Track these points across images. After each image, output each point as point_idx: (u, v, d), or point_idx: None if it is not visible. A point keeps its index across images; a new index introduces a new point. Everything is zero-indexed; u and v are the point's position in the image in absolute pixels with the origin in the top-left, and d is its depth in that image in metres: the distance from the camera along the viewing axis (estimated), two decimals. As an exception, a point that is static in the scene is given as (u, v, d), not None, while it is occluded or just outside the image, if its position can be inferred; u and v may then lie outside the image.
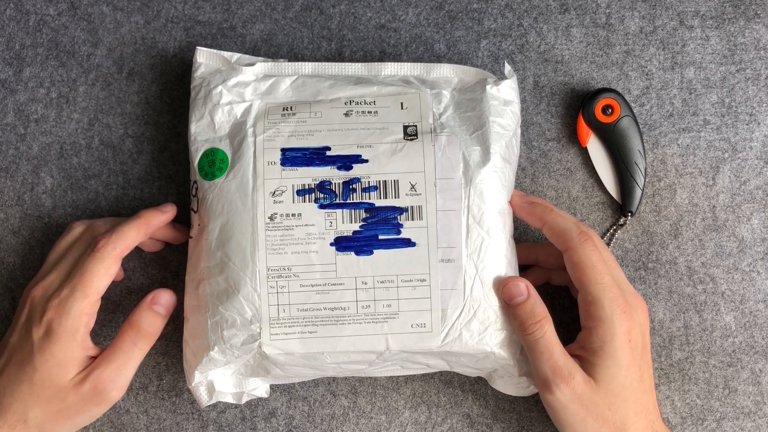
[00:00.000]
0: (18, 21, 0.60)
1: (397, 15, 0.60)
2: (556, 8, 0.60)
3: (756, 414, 0.57)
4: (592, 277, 0.49)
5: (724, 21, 0.60)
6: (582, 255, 0.50)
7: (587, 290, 0.49)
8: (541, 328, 0.49)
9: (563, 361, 0.49)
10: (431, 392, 0.57)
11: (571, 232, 0.50)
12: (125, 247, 0.51)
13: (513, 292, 0.50)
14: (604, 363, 0.49)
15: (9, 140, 0.59)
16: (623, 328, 0.49)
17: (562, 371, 0.48)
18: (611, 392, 0.49)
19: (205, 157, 0.52)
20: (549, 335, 0.49)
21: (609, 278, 0.49)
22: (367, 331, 0.50)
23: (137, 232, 0.52)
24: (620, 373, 0.48)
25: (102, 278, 0.50)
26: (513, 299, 0.50)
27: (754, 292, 0.58)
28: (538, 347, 0.49)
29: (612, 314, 0.49)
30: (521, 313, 0.50)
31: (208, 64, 0.55)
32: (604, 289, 0.49)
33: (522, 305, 0.50)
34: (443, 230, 0.50)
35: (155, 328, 0.51)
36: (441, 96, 0.53)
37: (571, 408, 0.49)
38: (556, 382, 0.48)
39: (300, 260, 0.50)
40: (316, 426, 0.57)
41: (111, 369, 0.49)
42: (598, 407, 0.48)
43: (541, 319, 0.49)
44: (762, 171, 0.59)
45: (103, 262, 0.50)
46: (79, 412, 0.49)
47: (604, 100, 0.57)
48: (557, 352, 0.49)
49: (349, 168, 0.51)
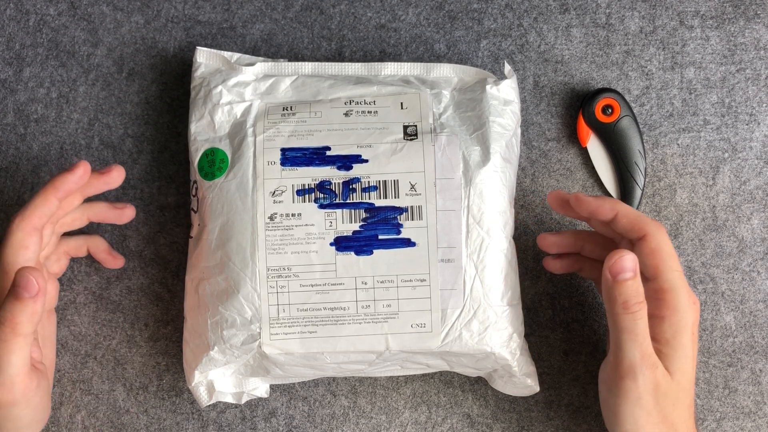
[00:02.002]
0: (18, 21, 0.60)
1: (397, 15, 0.60)
2: (556, 8, 0.60)
3: (756, 414, 0.57)
4: (670, 264, 0.48)
5: (724, 21, 0.60)
6: (661, 241, 0.48)
7: (665, 277, 0.48)
8: (642, 308, 0.47)
9: (651, 349, 0.47)
10: (431, 392, 0.57)
11: (647, 220, 0.49)
12: (35, 216, 0.48)
13: (624, 267, 0.47)
14: (676, 354, 0.47)
15: (9, 140, 0.59)
16: (693, 319, 0.48)
17: (651, 358, 0.47)
18: (681, 386, 0.48)
19: (205, 157, 0.52)
20: (646, 320, 0.47)
21: (681, 269, 0.49)
22: (367, 331, 0.50)
23: (44, 198, 0.48)
24: (689, 365, 0.48)
25: (17, 252, 0.48)
26: (621, 274, 0.47)
27: (754, 292, 0.58)
28: (636, 329, 0.47)
29: (686, 304, 0.48)
30: (627, 291, 0.47)
31: (208, 64, 0.55)
32: (680, 277, 0.48)
33: (628, 282, 0.47)
34: (443, 230, 0.50)
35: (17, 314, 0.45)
36: (441, 96, 0.53)
37: (644, 399, 0.47)
38: (642, 368, 0.47)
39: (300, 260, 0.50)
40: (316, 426, 0.57)
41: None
42: (666, 402, 0.47)
43: (642, 300, 0.47)
44: (762, 171, 0.59)
45: (14, 236, 0.48)
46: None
47: (604, 100, 0.57)
48: (649, 339, 0.47)
49: (349, 168, 0.51)
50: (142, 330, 0.57)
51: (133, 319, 0.57)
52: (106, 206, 0.54)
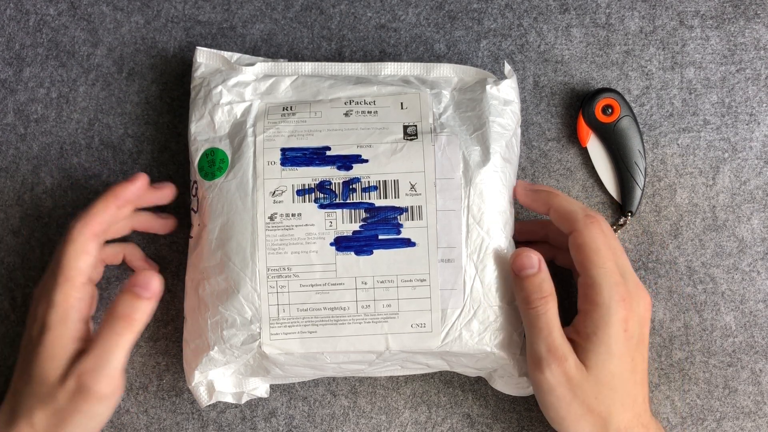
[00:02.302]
0: (18, 21, 0.60)
1: (397, 15, 0.60)
2: (556, 8, 0.60)
3: (756, 414, 0.57)
4: (595, 261, 0.48)
5: (724, 21, 0.60)
6: (587, 237, 0.49)
7: (588, 273, 0.49)
8: (545, 304, 0.48)
9: (560, 342, 0.48)
10: (431, 392, 0.57)
11: (576, 215, 0.50)
12: (96, 223, 0.49)
13: (525, 263, 0.49)
14: (596, 349, 0.48)
15: (9, 140, 0.59)
16: (620, 316, 0.48)
17: (557, 352, 0.47)
18: (600, 381, 0.48)
19: (205, 157, 0.52)
20: (551, 314, 0.48)
21: (611, 264, 0.49)
22: (367, 331, 0.50)
23: (105, 205, 0.50)
24: (611, 361, 0.48)
25: (79, 258, 0.48)
26: (523, 270, 0.49)
27: (754, 292, 0.58)
28: (539, 323, 0.48)
29: (610, 300, 0.48)
30: (528, 286, 0.49)
31: (208, 64, 0.55)
32: (605, 274, 0.48)
33: (531, 278, 0.49)
34: (443, 230, 0.50)
35: (132, 311, 0.47)
36: (441, 96, 0.53)
37: (558, 391, 0.48)
38: (549, 362, 0.47)
39: (300, 260, 0.50)
40: (316, 426, 0.57)
41: (91, 359, 0.46)
42: (585, 394, 0.48)
43: (546, 295, 0.49)
44: (762, 171, 0.59)
45: (75, 242, 0.49)
46: (72, 412, 0.46)
47: (604, 100, 0.57)
48: (556, 332, 0.48)
49: (349, 168, 0.51)
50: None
51: (133, 319, 0.57)
52: (151, 216, 0.55)
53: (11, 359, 0.57)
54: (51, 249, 0.58)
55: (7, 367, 0.57)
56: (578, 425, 0.49)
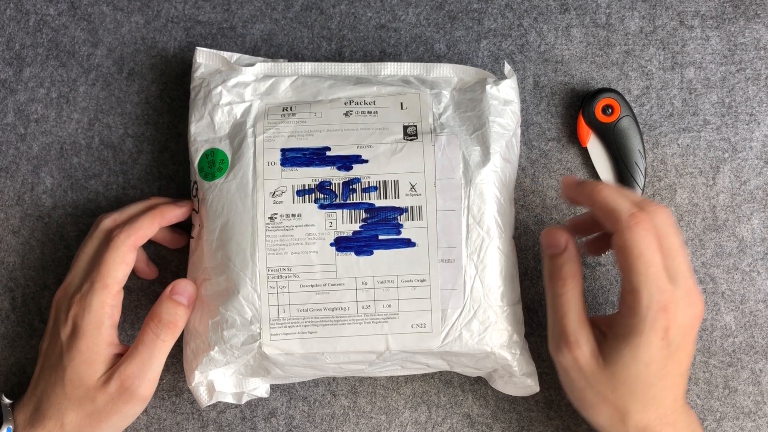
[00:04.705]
0: (18, 21, 0.60)
1: (397, 15, 0.60)
2: (556, 8, 0.60)
3: (756, 414, 0.57)
4: (635, 266, 0.45)
5: (724, 21, 0.60)
6: (628, 240, 0.45)
7: (628, 278, 0.45)
8: (564, 286, 0.47)
9: (574, 327, 0.47)
10: (431, 392, 0.57)
11: (619, 214, 0.46)
12: (139, 236, 0.51)
13: (551, 242, 0.49)
14: (621, 351, 0.46)
15: (9, 140, 0.59)
16: (659, 324, 0.45)
17: (570, 337, 0.47)
18: (618, 378, 0.46)
19: (205, 157, 0.52)
20: (570, 297, 0.47)
21: (655, 270, 0.45)
22: (367, 331, 0.50)
23: (151, 222, 0.52)
24: (635, 366, 0.45)
25: (119, 267, 0.50)
26: (549, 248, 0.49)
27: (754, 292, 0.58)
28: (555, 305, 0.48)
29: (647, 310, 0.45)
30: (551, 266, 0.48)
31: (208, 64, 0.55)
32: (646, 281, 0.45)
33: (554, 258, 0.48)
34: (443, 230, 0.50)
35: (176, 318, 0.50)
36: (441, 96, 0.53)
37: (571, 374, 0.47)
38: (560, 346, 0.47)
39: (300, 260, 0.50)
40: (316, 426, 0.57)
41: (135, 364, 0.49)
42: (600, 384, 0.46)
43: (566, 277, 0.47)
44: (762, 171, 0.59)
45: (118, 251, 0.50)
46: (110, 413, 0.49)
47: (604, 100, 0.57)
48: (572, 316, 0.47)
49: (349, 168, 0.51)
50: (142, 330, 0.57)
51: (133, 319, 0.57)
52: (167, 230, 0.56)
53: (11, 359, 0.57)
54: (51, 249, 0.58)
55: (7, 366, 0.57)
56: (595, 412, 0.48)
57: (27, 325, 0.57)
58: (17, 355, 0.57)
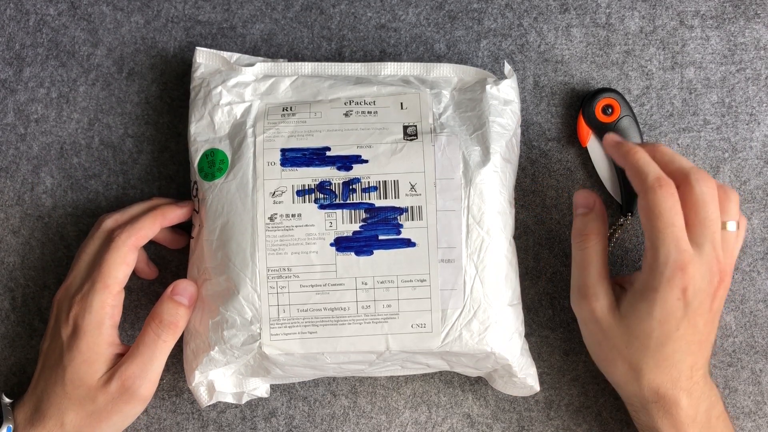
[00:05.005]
0: (18, 21, 0.60)
1: (397, 15, 0.60)
2: (556, 8, 0.60)
3: (756, 414, 0.57)
4: (656, 225, 0.47)
5: (724, 21, 0.60)
6: (650, 201, 0.47)
7: (649, 237, 0.47)
8: (587, 240, 0.50)
9: (594, 281, 0.49)
10: (431, 392, 0.57)
11: (646, 176, 0.48)
12: (140, 236, 0.51)
13: (581, 202, 0.51)
14: (636, 305, 0.47)
15: (9, 140, 0.59)
16: (676, 283, 0.46)
17: (589, 290, 0.49)
18: (632, 332, 0.48)
19: (204, 157, 0.52)
20: (592, 252, 0.50)
21: (677, 230, 0.46)
22: (367, 331, 0.50)
23: (153, 223, 0.52)
24: (649, 322, 0.47)
25: (119, 267, 0.50)
26: (578, 208, 0.51)
27: (754, 292, 0.58)
28: (577, 259, 0.50)
29: (665, 267, 0.46)
30: (578, 223, 0.51)
31: (208, 64, 0.55)
32: (665, 240, 0.46)
33: (582, 216, 0.51)
34: (443, 230, 0.50)
35: (177, 318, 0.50)
36: (441, 96, 0.53)
37: (589, 326, 0.50)
38: (579, 298, 0.49)
39: (300, 261, 0.50)
40: (316, 426, 0.57)
41: (136, 364, 0.49)
42: (615, 338, 0.48)
43: (590, 233, 0.50)
44: (762, 171, 0.59)
45: (119, 251, 0.50)
46: (111, 413, 0.49)
47: (604, 100, 0.57)
48: (593, 271, 0.49)
49: (349, 168, 0.51)
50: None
51: (133, 319, 0.57)
52: (168, 231, 0.56)
53: (11, 359, 0.57)
54: (51, 249, 0.58)
55: (7, 366, 0.57)
56: (611, 366, 0.50)
57: (27, 325, 0.57)
58: (17, 355, 0.57)
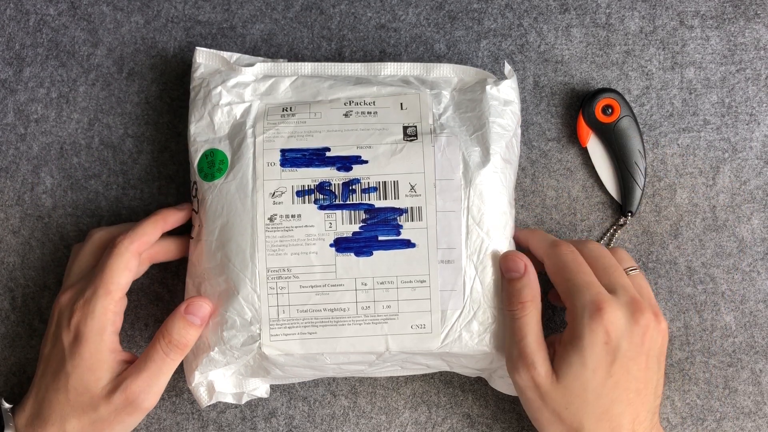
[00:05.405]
0: (18, 21, 0.60)
1: (397, 15, 0.60)
2: (556, 8, 0.60)
3: (756, 414, 0.57)
4: (565, 276, 0.49)
5: (724, 21, 0.60)
6: (554, 258, 0.50)
7: (562, 291, 0.50)
8: (523, 309, 0.49)
9: (532, 349, 0.48)
10: (431, 392, 0.57)
11: (545, 244, 0.52)
12: (143, 242, 0.51)
13: (510, 266, 0.50)
14: (569, 359, 0.47)
15: (9, 140, 0.59)
16: (597, 326, 0.47)
17: (527, 358, 0.48)
18: (571, 392, 0.48)
19: (204, 158, 0.52)
20: (528, 319, 0.49)
21: (587, 277, 0.49)
22: (367, 332, 0.50)
23: (154, 227, 0.52)
24: (584, 373, 0.47)
25: (122, 273, 0.50)
26: (509, 273, 0.50)
27: (754, 292, 0.58)
28: (514, 327, 0.49)
29: (583, 310, 0.48)
30: (511, 289, 0.50)
31: (208, 64, 0.55)
32: (577, 285, 0.48)
33: (514, 281, 0.50)
34: (443, 231, 0.50)
35: (187, 339, 0.49)
36: (441, 96, 0.53)
37: (528, 394, 0.49)
38: (517, 367, 0.48)
39: (300, 261, 0.50)
40: (316, 426, 0.57)
41: (142, 379, 0.48)
42: (554, 403, 0.48)
43: (525, 301, 0.49)
44: (762, 171, 0.59)
45: (122, 257, 0.50)
46: (113, 423, 0.49)
47: (604, 100, 0.57)
48: (530, 338, 0.48)
49: (348, 169, 0.51)
50: (142, 330, 0.57)
51: (133, 319, 0.57)
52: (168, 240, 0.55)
53: (11, 359, 0.57)
54: (51, 249, 0.58)
55: (6, 367, 0.57)
56: (550, 430, 0.49)
57: (27, 326, 0.57)
58: (17, 355, 0.57)
